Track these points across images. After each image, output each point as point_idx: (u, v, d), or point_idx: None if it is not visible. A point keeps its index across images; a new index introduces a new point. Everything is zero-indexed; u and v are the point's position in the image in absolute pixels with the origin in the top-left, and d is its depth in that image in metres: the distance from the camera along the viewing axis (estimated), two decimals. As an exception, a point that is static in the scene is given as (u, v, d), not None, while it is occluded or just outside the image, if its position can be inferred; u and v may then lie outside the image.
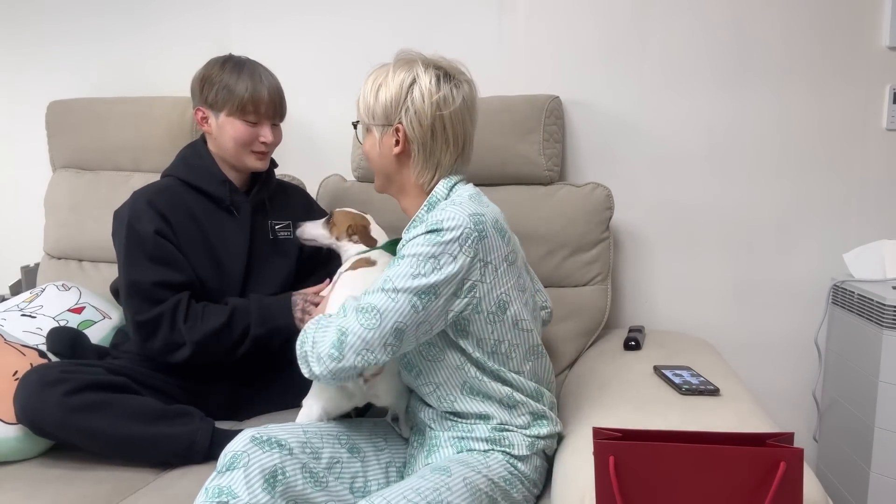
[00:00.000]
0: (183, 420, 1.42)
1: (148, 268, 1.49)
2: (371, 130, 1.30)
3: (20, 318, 1.67)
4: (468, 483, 1.16)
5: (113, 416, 1.36)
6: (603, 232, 1.80)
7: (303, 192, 1.84)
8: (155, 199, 1.55)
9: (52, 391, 1.33)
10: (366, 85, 1.29)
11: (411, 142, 1.25)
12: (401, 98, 1.24)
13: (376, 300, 1.15)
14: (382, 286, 1.15)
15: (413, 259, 1.15)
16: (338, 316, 1.19)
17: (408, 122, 1.24)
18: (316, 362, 1.16)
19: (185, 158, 1.64)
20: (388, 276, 1.16)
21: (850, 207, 1.92)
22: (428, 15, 2.02)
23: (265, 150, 1.61)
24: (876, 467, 1.68)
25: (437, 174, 1.28)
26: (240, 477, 1.12)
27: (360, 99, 1.30)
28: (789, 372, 1.99)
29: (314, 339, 1.18)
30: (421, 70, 1.25)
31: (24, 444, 1.43)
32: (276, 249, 1.67)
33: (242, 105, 1.54)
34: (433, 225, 1.15)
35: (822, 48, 1.88)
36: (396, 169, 1.29)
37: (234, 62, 1.58)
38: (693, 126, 1.95)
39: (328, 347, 1.14)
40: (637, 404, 1.33)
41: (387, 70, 1.28)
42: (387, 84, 1.26)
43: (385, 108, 1.25)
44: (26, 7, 2.23)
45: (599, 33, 1.95)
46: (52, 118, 2.06)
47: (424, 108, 1.24)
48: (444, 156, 1.27)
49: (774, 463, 0.91)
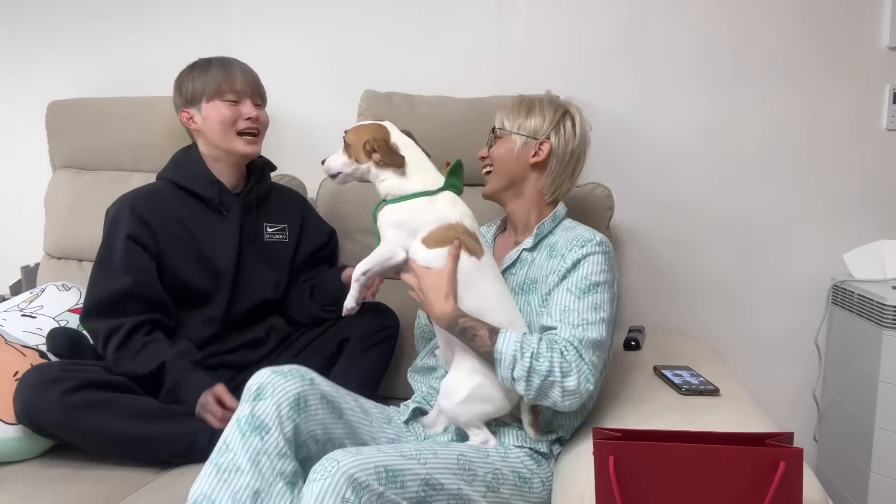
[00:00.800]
0: (182, 420, 1.42)
1: (114, 275, 1.50)
2: (510, 139, 1.43)
3: (20, 318, 1.67)
4: (461, 457, 1.19)
5: (112, 415, 1.35)
6: (603, 232, 1.80)
7: (299, 197, 1.83)
8: (138, 203, 1.56)
9: (52, 390, 1.33)
10: (512, 104, 1.46)
11: (553, 156, 1.42)
12: (553, 122, 1.42)
13: (598, 335, 1.25)
14: (603, 316, 1.27)
15: (607, 287, 1.30)
16: (568, 345, 1.23)
17: (556, 140, 1.42)
18: (569, 397, 1.21)
19: (177, 161, 1.66)
20: (597, 304, 1.27)
21: (850, 207, 1.92)
22: (428, 15, 2.02)
23: (253, 130, 1.61)
24: (876, 467, 1.68)
25: (557, 192, 1.44)
26: (270, 406, 1.16)
27: (502, 113, 1.46)
28: (789, 372, 1.99)
29: (562, 372, 1.20)
30: (573, 108, 1.46)
31: (24, 445, 1.42)
32: (267, 254, 1.66)
33: (218, 86, 1.58)
34: (605, 248, 1.33)
35: (823, 48, 1.88)
36: (525, 175, 1.43)
37: (202, 61, 1.64)
38: (693, 126, 1.95)
39: (585, 384, 1.21)
40: (637, 404, 1.33)
41: (536, 98, 1.46)
42: (540, 109, 1.43)
43: (536, 126, 1.42)
44: (26, 7, 2.23)
45: (599, 33, 1.95)
46: (52, 118, 2.05)
47: (574, 136, 1.43)
48: (567, 180, 1.45)
49: (774, 463, 0.91)
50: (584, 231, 1.38)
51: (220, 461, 1.14)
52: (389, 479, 1.08)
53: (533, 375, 1.19)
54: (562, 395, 1.20)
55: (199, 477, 1.14)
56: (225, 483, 1.12)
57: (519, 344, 1.21)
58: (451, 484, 1.15)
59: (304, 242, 1.73)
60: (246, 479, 1.11)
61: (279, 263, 1.68)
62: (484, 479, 1.20)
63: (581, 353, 1.22)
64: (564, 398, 1.20)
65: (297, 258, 1.72)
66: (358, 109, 1.90)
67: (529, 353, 1.20)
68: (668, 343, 1.75)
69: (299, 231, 1.73)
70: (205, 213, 1.61)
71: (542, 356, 1.20)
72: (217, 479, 1.12)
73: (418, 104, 1.87)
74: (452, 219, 1.29)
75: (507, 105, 1.47)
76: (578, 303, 1.27)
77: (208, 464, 1.15)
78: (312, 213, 1.81)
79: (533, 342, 1.22)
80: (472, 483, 1.18)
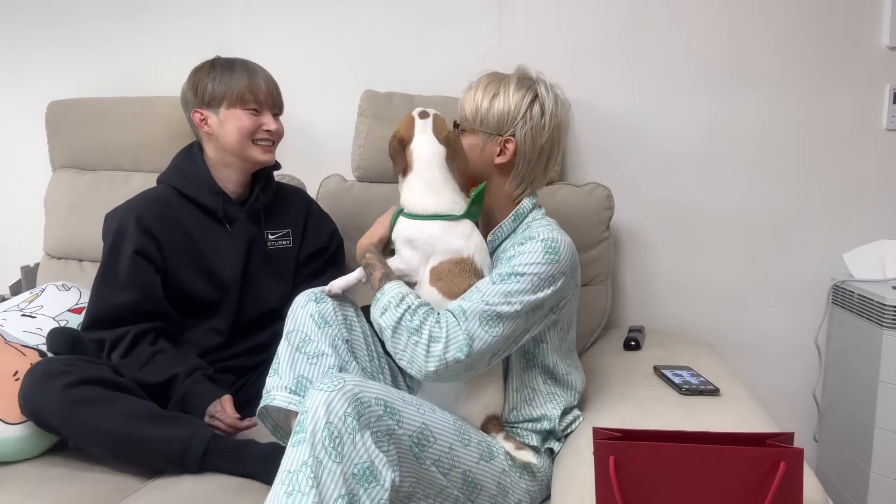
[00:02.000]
0: (180, 425, 1.39)
1: (118, 289, 1.50)
2: (474, 134, 1.31)
3: (20, 318, 1.67)
4: (457, 422, 1.20)
5: (110, 413, 1.35)
6: (603, 232, 1.80)
7: (303, 196, 1.79)
8: (144, 214, 1.53)
9: (55, 382, 1.33)
10: (476, 90, 1.31)
11: (519, 156, 1.28)
12: (520, 112, 1.27)
13: (503, 311, 1.17)
14: (507, 299, 1.17)
15: (534, 277, 1.19)
16: (448, 314, 1.18)
17: (521, 137, 1.27)
18: (434, 360, 1.15)
19: (180, 166, 1.62)
20: (510, 290, 1.18)
21: (850, 207, 1.92)
22: (428, 14, 2.02)
23: (270, 141, 1.59)
24: (876, 467, 1.68)
25: (527, 190, 1.32)
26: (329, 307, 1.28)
27: (466, 101, 1.32)
28: (789, 372, 1.99)
29: (430, 335, 1.16)
30: (543, 89, 1.29)
31: (24, 444, 1.43)
32: (270, 263, 1.64)
33: (241, 94, 1.53)
34: (549, 246, 1.20)
35: (823, 48, 1.88)
36: (490, 176, 1.31)
37: (223, 61, 1.58)
38: (693, 126, 1.95)
39: (455, 351, 1.15)
40: (637, 404, 1.33)
41: (503, 80, 1.30)
42: (506, 94, 1.28)
43: (499, 118, 1.27)
44: (26, 7, 2.23)
45: (599, 33, 1.95)
46: (52, 118, 2.05)
47: (543, 127, 1.28)
48: (539, 174, 1.32)
49: (774, 463, 0.91)
50: (533, 231, 1.26)
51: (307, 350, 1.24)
52: (388, 412, 1.09)
53: (400, 329, 1.17)
54: (425, 357, 1.15)
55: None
56: (315, 365, 1.23)
57: (400, 296, 1.19)
58: (444, 440, 1.16)
59: (306, 244, 1.71)
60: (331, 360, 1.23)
61: (284, 271, 1.66)
62: (479, 447, 1.21)
63: (459, 320, 1.16)
64: (428, 362, 1.15)
65: (300, 259, 1.69)
66: (358, 109, 1.90)
67: (406, 306, 1.17)
68: (668, 343, 1.75)
69: (302, 233, 1.70)
70: (209, 224, 1.59)
71: (417, 314, 1.17)
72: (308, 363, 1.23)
73: (418, 104, 1.86)
74: (465, 252, 1.24)
75: (472, 89, 1.32)
76: (490, 287, 1.19)
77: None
78: (315, 211, 1.76)
79: (414, 300, 1.19)
80: (466, 446, 1.19)
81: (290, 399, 1.20)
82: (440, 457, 1.15)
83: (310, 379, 1.21)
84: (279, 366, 1.24)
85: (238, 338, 1.60)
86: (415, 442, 1.12)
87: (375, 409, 1.07)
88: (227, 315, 1.58)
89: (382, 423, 1.08)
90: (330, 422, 1.03)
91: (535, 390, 1.32)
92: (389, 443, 1.09)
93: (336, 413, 1.04)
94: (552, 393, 1.32)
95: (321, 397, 1.05)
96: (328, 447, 1.02)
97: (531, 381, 1.32)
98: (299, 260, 1.69)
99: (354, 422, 1.05)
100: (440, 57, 2.02)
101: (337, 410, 1.04)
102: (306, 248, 1.71)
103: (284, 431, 1.29)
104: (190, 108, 1.58)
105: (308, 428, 1.03)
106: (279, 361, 1.25)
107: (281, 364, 1.24)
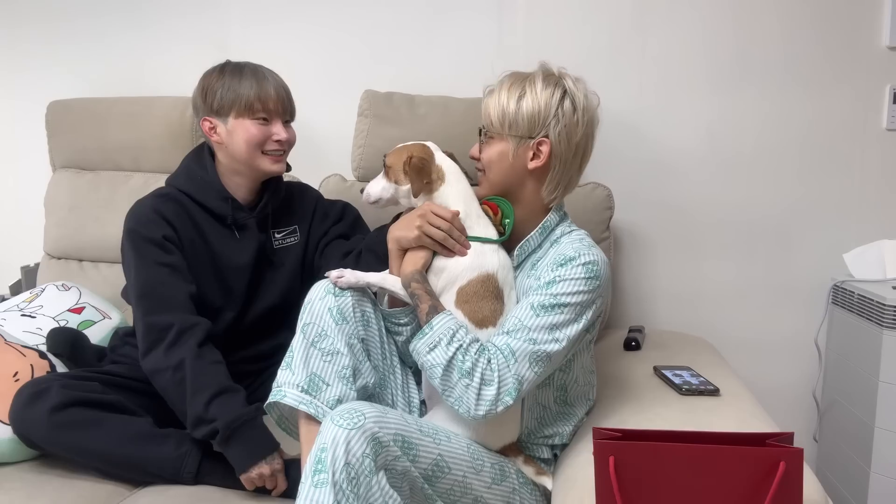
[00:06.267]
0: (172, 443, 1.36)
1: (159, 270, 1.45)
2: (502, 140, 1.24)
3: (20, 318, 1.67)
4: (470, 447, 1.20)
5: (99, 436, 1.33)
6: (603, 232, 1.80)
7: (314, 195, 1.73)
8: (161, 207, 1.50)
9: (40, 406, 1.32)
10: (500, 93, 1.24)
11: (554, 158, 1.22)
12: (551, 110, 1.20)
13: (551, 351, 1.16)
14: (553, 335, 1.16)
15: (577, 307, 1.17)
16: (498, 353, 1.15)
17: (555, 137, 1.20)
18: (484, 405, 1.13)
19: (189, 170, 1.58)
20: (555, 323, 1.16)
21: (850, 207, 1.92)
22: (428, 14, 2.02)
23: (280, 151, 1.54)
24: (876, 467, 1.68)
25: (562, 193, 1.26)
26: (347, 301, 1.25)
27: (490, 105, 1.25)
28: (789, 372, 1.99)
29: (482, 378, 1.13)
30: (571, 83, 1.23)
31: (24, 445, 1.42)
32: (276, 261, 1.61)
33: (250, 103, 1.48)
34: (590, 270, 1.17)
35: (822, 48, 1.88)
36: (523, 182, 1.25)
37: (232, 66, 1.53)
38: (693, 126, 1.95)
39: (505, 396, 1.13)
40: (637, 404, 1.33)
41: (527, 79, 1.24)
42: (533, 93, 1.21)
43: (530, 119, 1.20)
44: (26, 7, 2.23)
45: (599, 33, 1.95)
46: (52, 118, 2.05)
47: (576, 124, 1.21)
48: (575, 175, 1.26)
49: (774, 463, 0.91)
50: (567, 248, 1.21)
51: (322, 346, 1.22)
52: (405, 448, 1.10)
53: (451, 369, 1.14)
54: (476, 401, 1.13)
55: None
56: (330, 363, 1.21)
57: (451, 332, 1.15)
58: (458, 469, 1.16)
59: (314, 230, 1.65)
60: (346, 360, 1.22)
61: (290, 267, 1.62)
62: (490, 472, 1.21)
63: (509, 362, 1.14)
64: (478, 406, 1.13)
65: (309, 249, 1.64)
66: (358, 109, 1.90)
67: (457, 345, 1.14)
68: (668, 343, 1.75)
69: (309, 226, 1.66)
70: (219, 229, 1.55)
71: (468, 354, 1.14)
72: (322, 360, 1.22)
73: (418, 104, 1.87)
74: (491, 268, 1.23)
75: (495, 93, 1.25)
76: (534, 320, 1.16)
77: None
78: (323, 203, 1.71)
79: (466, 338, 1.16)
80: (479, 473, 1.19)
81: (300, 398, 1.19)
82: (452, 486, 1.16)
83: (322, 377, 1.20)
84: (292, 360, 1.22)
85: (237, 345, 1.56)
86: (428, 475, 1.13)
87: (393, 449, 1.09)
88: (227, 320, 1.55)
89: (399, 463, 1.10)
90: (349, 463, 1.04)
91: (546, 408, 1.30)
92: (403, 481, 1.11)
93: (355, 454, 1.04)
94: (562, 412, 1.32)
95: (341, 435, 1.05)
96: (346, 490, 1.03)
97: (544, 400, 1.30)
98: (308, 249, 1.64)
99: (372, 463, 1.06)
100: (440, 57, 2.02)
101: (355, 451, 1.04)
102: (316, 230, 1.65)
103: (290, 422, 1.29)
104: (200, 115, 1.54)
105: (329, 468, 1.03)
106: (293, 355, 1.23)
107: (294, 359, 1.22)
